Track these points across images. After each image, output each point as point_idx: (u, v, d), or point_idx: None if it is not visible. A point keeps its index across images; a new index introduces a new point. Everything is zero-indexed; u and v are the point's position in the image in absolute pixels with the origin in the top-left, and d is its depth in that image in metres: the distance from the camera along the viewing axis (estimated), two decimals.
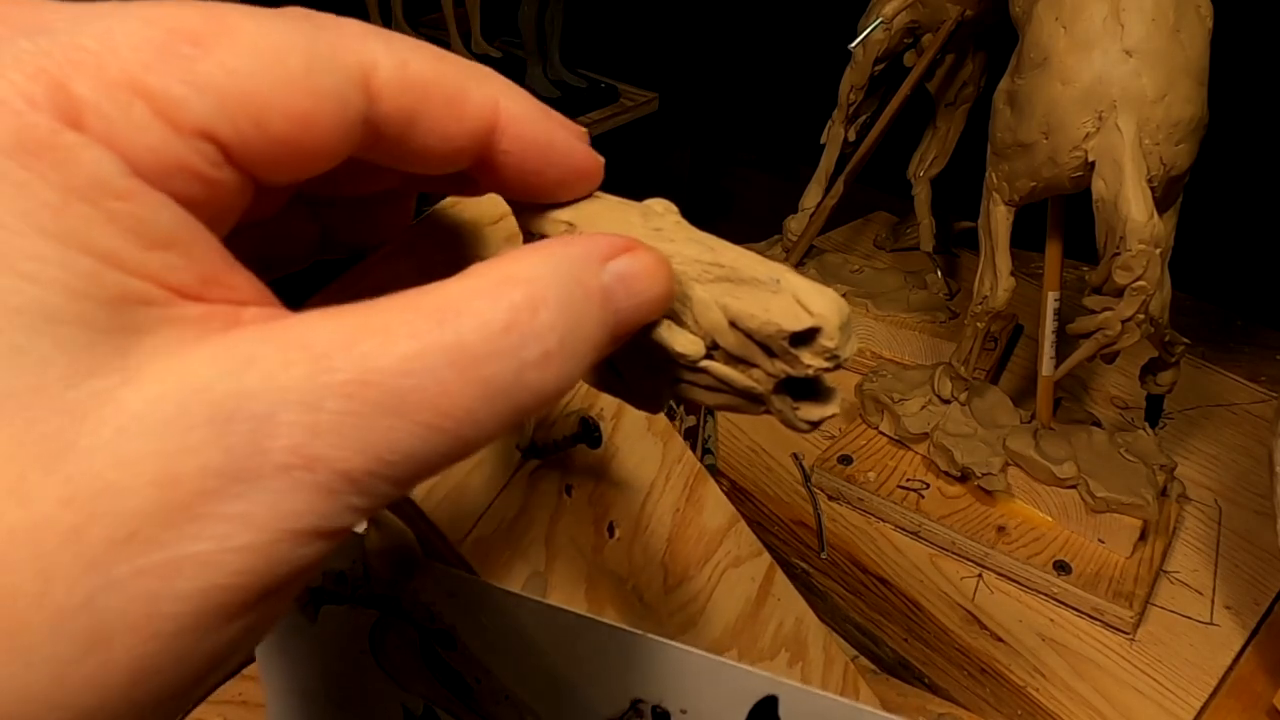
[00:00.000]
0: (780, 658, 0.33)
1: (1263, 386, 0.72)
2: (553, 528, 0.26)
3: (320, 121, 0.13)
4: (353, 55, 0.14)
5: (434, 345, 0.12)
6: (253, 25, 0.13)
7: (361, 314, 0.12)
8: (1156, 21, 0.45)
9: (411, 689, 0.27)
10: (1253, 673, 0.51)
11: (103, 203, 0.11)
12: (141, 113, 0.12)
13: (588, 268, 0.14)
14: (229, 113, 0.12)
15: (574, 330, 0.13)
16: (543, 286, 0.13)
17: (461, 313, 0.13)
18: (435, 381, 0.12)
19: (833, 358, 0.15)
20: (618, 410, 0.28)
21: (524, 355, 0.13)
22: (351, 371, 0.12)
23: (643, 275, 0.15)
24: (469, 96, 0.15)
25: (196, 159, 0.12)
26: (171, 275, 0.12)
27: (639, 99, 1.04)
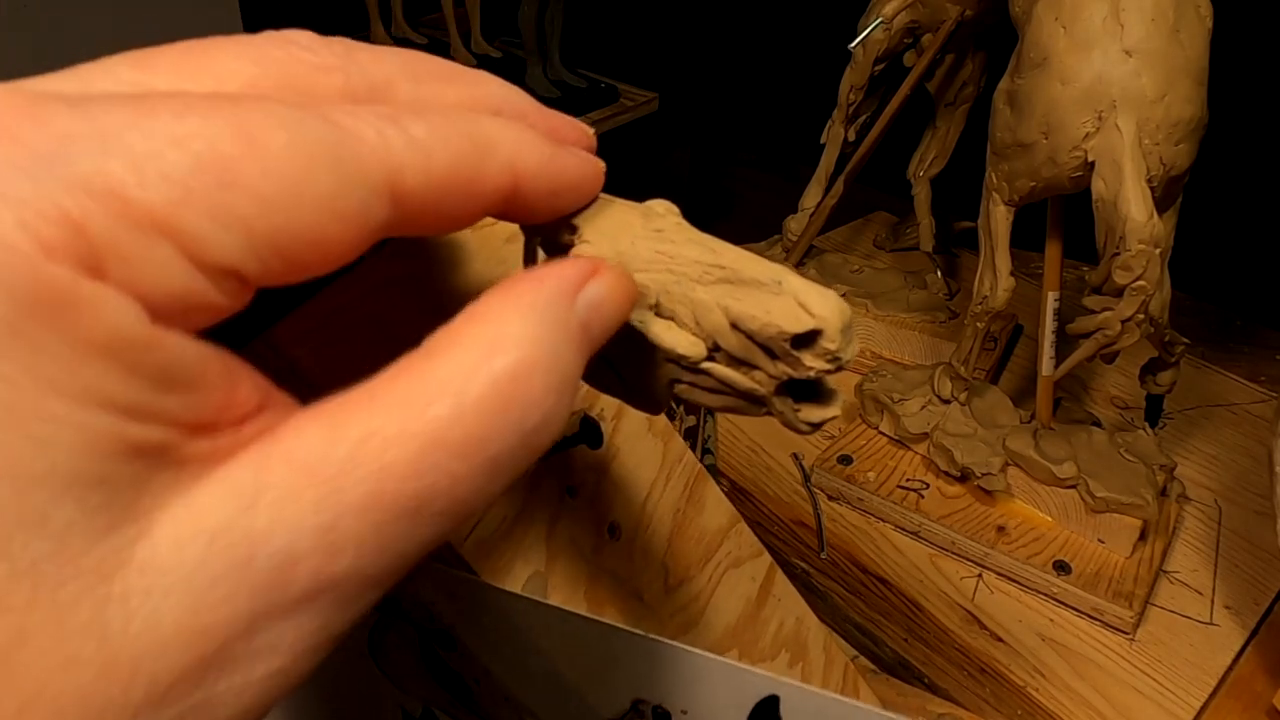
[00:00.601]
0: (781, 658, 0.33)
1: (1263, 386, 0.72)
2: (553, 528, 0.26)
3: (343, 241, 0.13)
4: (380, 164, 0.13)
5: (439, 442, 0.12)
6: (283, 139, 0.12)
7: (357, 413, 0.12)
8: (1156, 21, 0.45)
9: (410, 690, 0.27)
10: (1253, 673, 0.51)
11: (122, 355, 0.11)
12: (166, 254, 0.11)
13: (565, 308, 0.14)
14: (256, 249, 0.12)
15: (564, 381, 0.13)
16: (530, 348, 0.13)
17: (456, 396, 0.12)
18: (445, 476, 0.12)
19: (834, 359, 0.15)
20: (618, 411, 0.28)
21: (524, 427, 0.13)
22: (363, 488, 0.12)
23: (610, 299, 0.15)
24: (487, 172, 0.15)
25: (217, 294, 0.12)
26: (187, 415, 0.12)
27: (639, 99, 1.04)
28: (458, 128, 0.14)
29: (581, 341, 0.14)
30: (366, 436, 0.12)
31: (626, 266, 0.17)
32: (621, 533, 0.28)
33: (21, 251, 0.10)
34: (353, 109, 0.13)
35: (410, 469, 0.12)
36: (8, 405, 0.10)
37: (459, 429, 0.12)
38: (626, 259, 0.17)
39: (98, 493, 0.11)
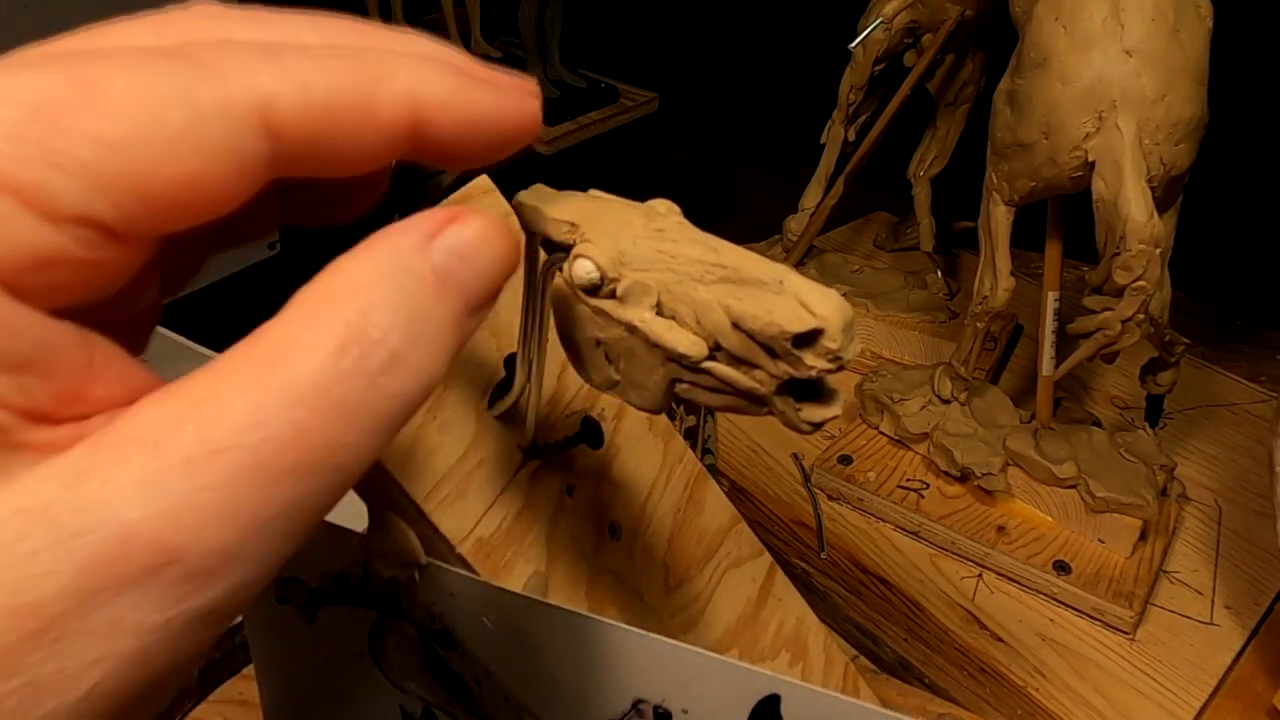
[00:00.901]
0: (781, 658, 0.33)
1: (1263, 386, 0.72)
2: (554, 528, 0.26)
3: (213, 177, 0.12)
4: (244, 94, 0.12)
5: (271, 391, 0.12)
6: (125, 82, 0.11)
7: (190, 387, 0.12)
8: (1156, 21, 0.45)
9: (410, 690, 0.27)
10: (1253, 673, 0.51)
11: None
12: (7, 208, 0.11)
13: (413, 254, 0.13)
14: (107, 191, 0.11)
15: (416, 322, 0.13)
16: (367, 291, 0.13)
17: (290, 348, 0.12)
18: (287, 425, 0.12)
19: (835, 359, 0.15)
20: (619, 410, 0.28)
21: (369, 366, 0.12)
22: (189, 450, 0.11)
23: (477, 242, 0.14)
24: (379, 101, 0.14)
25: (75, 246, 0.11)
26: (24, 399, 0.11)
27: (639, 99, 1.04)
28: (343, 57, 0.13)
29: (439, 286, 0.13)
30: (196, 400, 0.12)
31: (628, 266, 0.17)
32: (622, 532, 0.28)
33: None
34: (223, 47, 0.13)
35: (244, 423, 0.11)
36: None
37: (290, 376, 0.12)
38: (628, 258, 0.17)
39: None
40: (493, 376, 0.25)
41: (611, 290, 0.17)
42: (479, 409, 0.24)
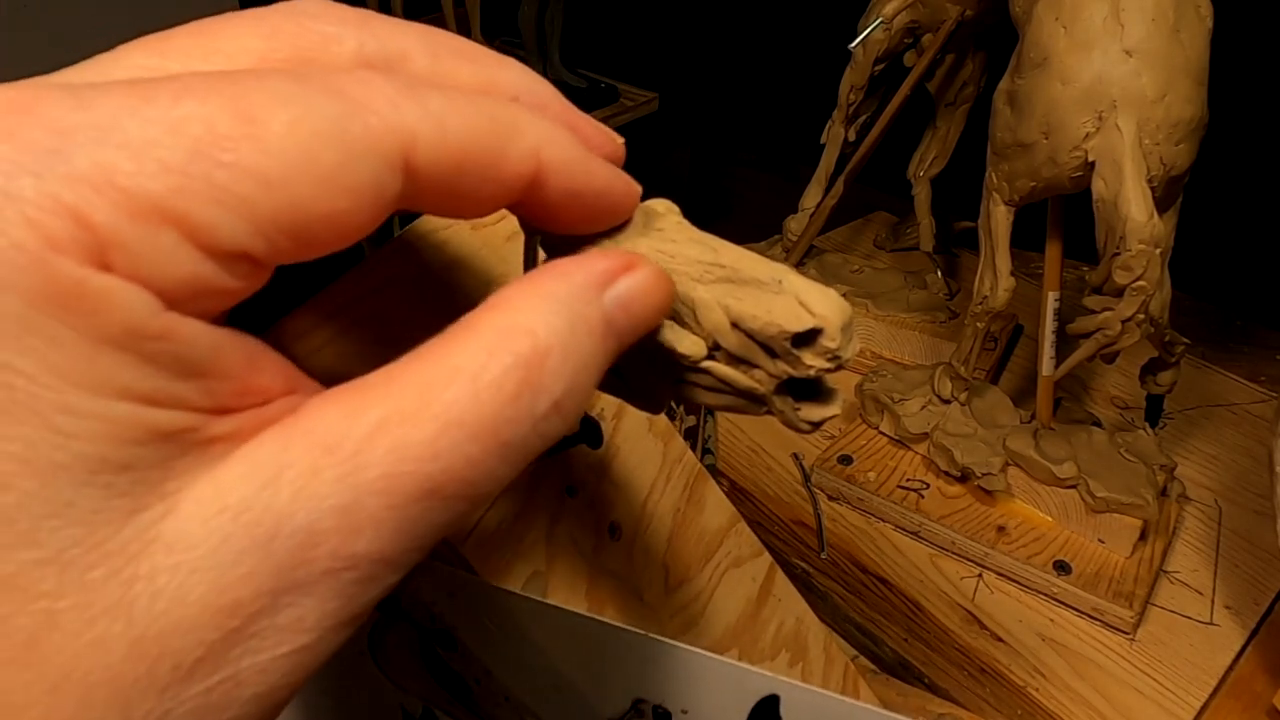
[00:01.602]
0: (781, 658, 0.33)
1: (1263, 386, 0.72)
2: (553, 528, 0.26)
3: (356, 213, 0.13)
4: (389, 135, 0.13)
5: (455, 424, 0.12)
6: (284, 116, 0.12)
7: (378, 396, 0.12)
8: (1156, 21, 0.45)
9: (410, 690, 0.27)
10: (1253, 673, 0.51)
11: (136, 345, 0.11)
12: (171, 240, 0.11)
13: (589, 303, 0.14)
14: (262, 228, 0.12)
15: (580, 371, 0.14)
16: (546, 335, 0.13)
17: (474, 384, 0.13)
18: (461, 458, 0.12)
19: (834, 358, 0.15)
20: (618, 410, 0.28)
21: (534, 412, 0.13)
22: (381, 466, 0.12)
23: (641, 296, 0.15)
24: (508, 155, 0.14)
25: (228, 277, 0.12)
26: (206, 399, 0.12)
27: (639, 99, 1.04)
28: (478, 105, 0.14)
29: (604, 336, 0.14)
30: (385, 417, 0.12)
31: None
32: (622, 533, 0.28)
33: (29, 249, 0.10)
34: (365, 76, 0.13)
35: (427, 450, 0.12)
36: (28, 400, 0.10)
37: (473, 412, 0.12)
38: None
39: (122, 477, 0.11)
40: None
41: None
42: None
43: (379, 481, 0.12)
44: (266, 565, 0.11)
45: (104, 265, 0.11)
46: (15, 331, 0.10)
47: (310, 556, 0.12)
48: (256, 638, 0.11)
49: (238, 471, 0.12)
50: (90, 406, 0.11)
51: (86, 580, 0.11)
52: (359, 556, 0.12)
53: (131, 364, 0.11)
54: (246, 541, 0.11)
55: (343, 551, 0.12)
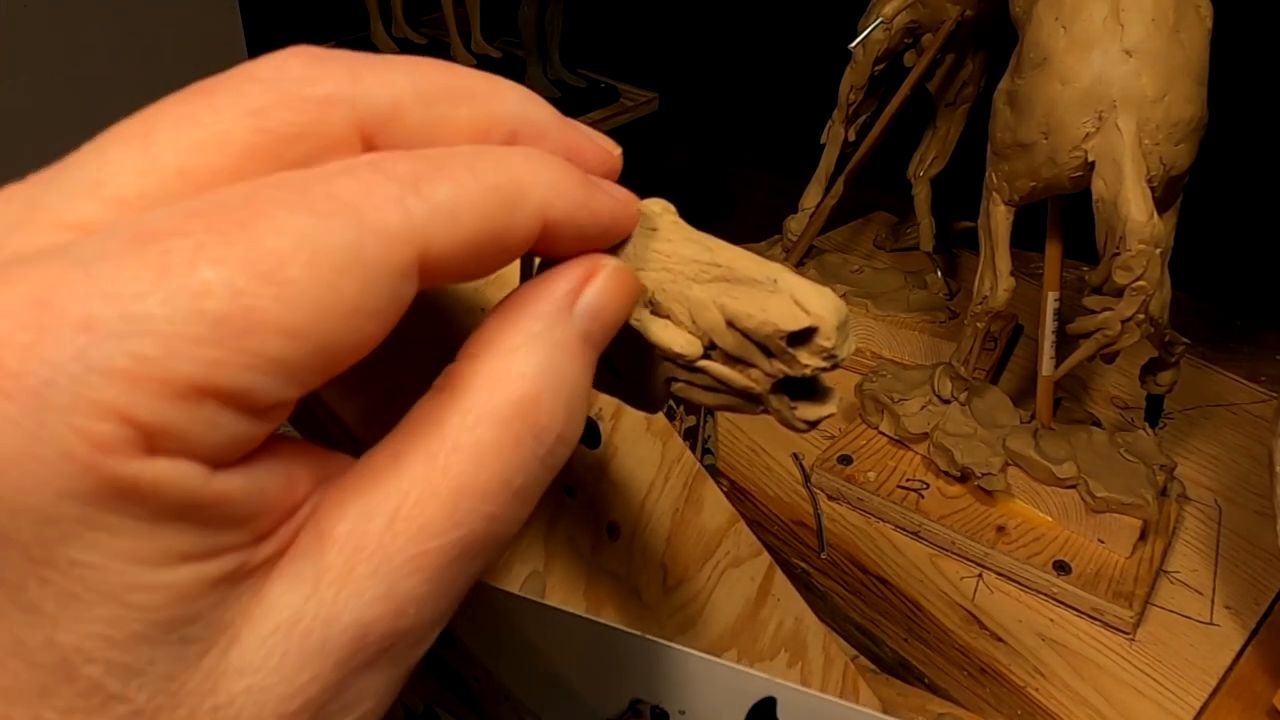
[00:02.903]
0: (780, 658, 0.33)
1: (1263, 386, 0.72)
2: (551, 528, 0.26)
3: (380, 332, 0.13)
4: (404, 248, 0.13)
5: (465, 493, 0.13)
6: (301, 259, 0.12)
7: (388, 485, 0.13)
8: (1156, 21, 0.45)
9: (411, 688, 0.27)
10: (1253, 673, 0.51)
11: (189, 515, 0.12)
12: (212, 412, 0.11)
13: (562, 324, 0.14)
14: (296, 376, 0.12)
15: (572, 397, 0.14)
16: (534, 375, 0.14)
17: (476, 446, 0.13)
18: (480, 519, 0.13)
19: (830, 357, 0.15)
20: (616, 410, 0.28)
21: (540, 452, 0.14)
22: (407, 551, 0.13)
23: (608, 300, 0.15)
24: (516, 224, 0.14)
25: (269, 425, 0.12)
26: (251, 536, 0.13)
27: (639, 99, 1.04)
28: (485, 181, 0.14)
29: (584, 350, 0.15)
30: (400, 504, 0.13)
31: None
32: (620, 532, 0.28)
33: (79, 457, 0.11)
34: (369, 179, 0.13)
35: (446, 523, 0.13)
36: (99, 585, 0.11)
37: (481, 474, 0.13)
38: (623, 257, 0.17)
39: (192, 628, 0.12)
40: None
41: None
42: None
43: (409, 564, 0.13)
44: (327, 665, 0.12)
45: (151, 450, 0.11)
46: (77, 530, 0.11)
47: (364, 645, 0.13)
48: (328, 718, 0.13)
49: (281, 588, 0.13)
50: (155, 579, 0.11)
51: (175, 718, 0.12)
52: (407, 630, 0.13)
53: (187, 532, 0.12)
54: (305, 650, 0.12)
55: (392, 631, 0.13)
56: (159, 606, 0.11)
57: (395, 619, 0.13)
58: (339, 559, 0.13)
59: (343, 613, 0.12)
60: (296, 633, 0.12)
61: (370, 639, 0.13)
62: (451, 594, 0.13)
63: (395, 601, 0.13)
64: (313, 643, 0.12)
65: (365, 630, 0.13)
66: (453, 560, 0.13)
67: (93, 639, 0.11)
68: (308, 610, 0.12)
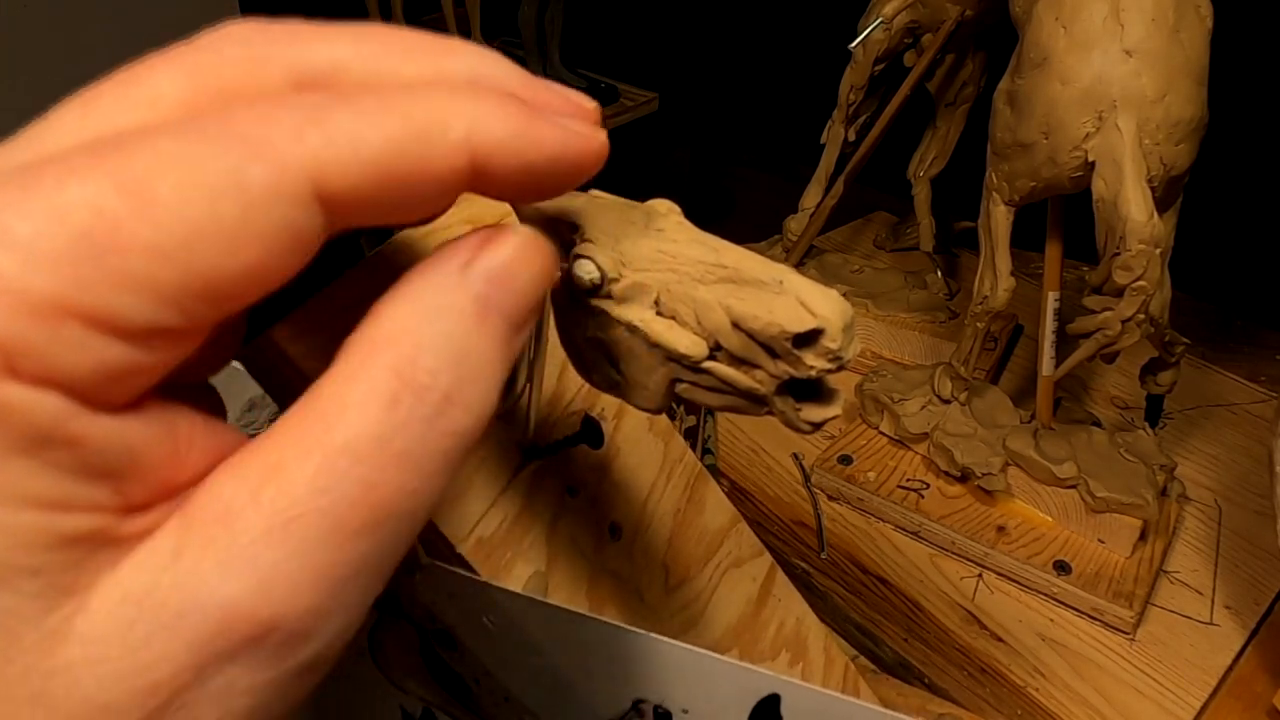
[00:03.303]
0: (781, 658, 0.33)
1: (1263, 386, 0.72)
2: (554, 528, 0.26)
3: (271, 260, 0.12)
4: (295, 171, 0.12)
5: (331, 454, 0.12)
6: (173, 179, 0.11)
7: (257, 456, 0.12)
8: (1156, 21, 0.45)
9: (410, 690, 0.27)
10: (1253, 673, 0.51)
11: (43, 453, 0.11)
12: (75, 333, 0.11)
13: (452, 289, 0.13)
14: (170, 299, 0.11)
15: (463, 359, 0.13)
16: (412, 336, 0.13)
17: (345, 406, 0.12)
18: (354, 483, 0.12)
19: (835, 359, 0.15)
20: (619, 410, 0.28)
21: (424, 412, 0.12)
22: (267, 521, 0.12)
23: (511, 264, 0.14)
24: (435, 153, 0.13)
25: (144, 354, 0.11)
26: (118, 499, 0.12)
27: (639, 99, 1.04)
28: (394, 109, 0.13)
29: (481, 315, 0.13)
30: (267, 470, 0.12)
31: (628, 266, 0.17)
32: (622, 532, 0.28)
33: None
34: (265, 111, 0.12)
35: (312, 487, 0.12)
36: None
37: (348, 432, 0.12)
38: (628, 258, 0.17)
39: (32, 582, 0.11)
40: None
41: (611, 290, 0.17)
42: None
43: (272, 535, 0.12)
44: (178, 643, 0.11)
45: (10, 371, 0.11)
46: None
47: (226, 628, 0.11)
48: (185, 711, 0.11)
49: (138, 560, 0.12)
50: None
51: (6, 674, 0.11)
52: (277, 619, 0.12)
53: (38, 472, 0.11)
54: (152, 625, 0.11)
55: (258, 616, 0.11)
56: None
57: (261, 600, 0.11)
58: (201, 530, 0.12)
59: (200, 588, 0.11)
60: (148, 605, 0.11)
61: (233, 622, 0.11)
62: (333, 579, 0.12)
63: (259, 578, 0.11)
64: (164, 617, 0.11)
65: (226, 610, 0.11)
66: (326, 534, 0.12)
67: None
68: (162, 581, 0.11)
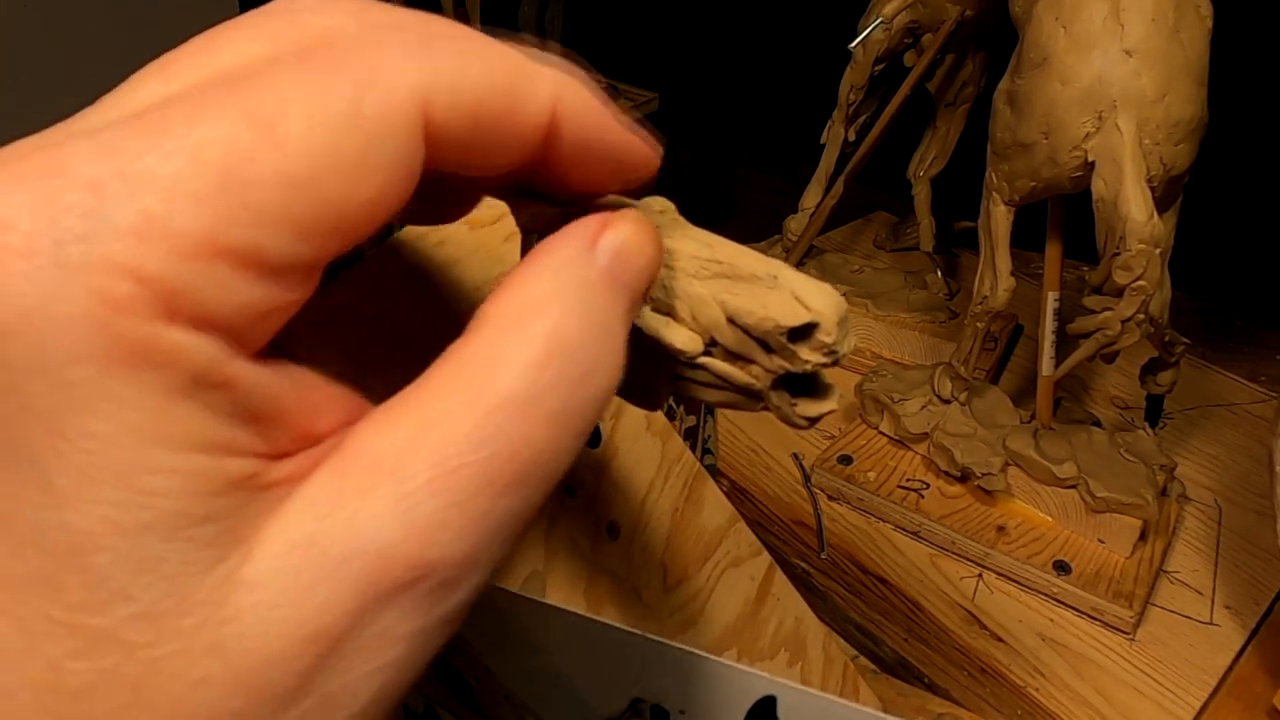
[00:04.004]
0: (780, 657, 0.33)
1: (1263, 386, 0.72)
2: (551, 527, 0.26)
3: (391, 190, 0.12)
4: (406, 101, 0.12)
5: (490, 410, 0.12)
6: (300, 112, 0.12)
7: (411, 409, 0.13)
8: (1156, 21, 0.45)
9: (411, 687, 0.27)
10: (1253, 673, 0.51)
11: (203, 395, 0.11)
12: (225, 273, 0.11)
13: (584, 264, 0.14)
14: (305, 232, 0.12)
15: (602, 326, 0.14)
16: (557, 303, 0.13)
17: (500, 364, 0.13)
18: (507, 441, 0.12)
19: (831, 353, 0.15)
20: (617, 409, 0.28)
21: (572, 374, 0.13)
22: (429, 471, 0.12)
23: (632, 241, 0.15)
24: (526, 103, 0.14)
25: (284, 292, 0.12)
26: (267, 445, 0.12)
27: (639, 99, 1.04)
28: (491, 52, 0.14)
29: (611, 289, 0.14)
30: (423, 421, 0.12)
31: None
32: (620, 532, 0.28)
33: (95, 316, 0.10)
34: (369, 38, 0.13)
35: (471, 440, 0.12)
36: (109, 463, 0.11)
37: (508, 388, 0.13)
38: None
39: (204, 529, 0.11)
40: None
41: None
42: None
43: (433, 484, 0.12)
44: (342, 590, 0.12)
45: (170, 314, 0.11)
46: (88, 398, 0.10)
47: (385, 573, 0.12)
48: (346, 659, 0.12)
49: (298, 508, 0.12)
50: (168, 461, 0.11)
51: (181, 628, 0.11)
52: (434, 563, 0.12)
53: (200, 414, 0.11)
54: (317, 571, 0.12)
55: (416, 561, 0.12)
56: (168, 494, 0.11)
57: (420, 546, 0.12)
58: (358, 479, 0.12)
59: (361, 534, 0.12)
60: (312, 552, 0.12)
61: (392, 566, 0.12)
62: (485, 530, 0.12)
63: (418, 525, 0.12)
64: (328, 563, 0.12)
65: (386, 555, 0.12)
66: (483, 486, 0.12)
67: (103, 524, 0.11)
68: (324, 529, 0.12)
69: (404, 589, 0.12)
